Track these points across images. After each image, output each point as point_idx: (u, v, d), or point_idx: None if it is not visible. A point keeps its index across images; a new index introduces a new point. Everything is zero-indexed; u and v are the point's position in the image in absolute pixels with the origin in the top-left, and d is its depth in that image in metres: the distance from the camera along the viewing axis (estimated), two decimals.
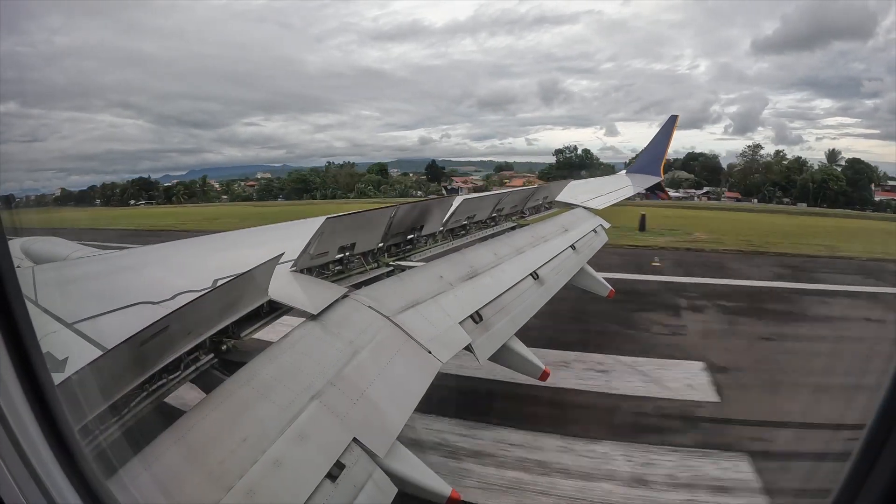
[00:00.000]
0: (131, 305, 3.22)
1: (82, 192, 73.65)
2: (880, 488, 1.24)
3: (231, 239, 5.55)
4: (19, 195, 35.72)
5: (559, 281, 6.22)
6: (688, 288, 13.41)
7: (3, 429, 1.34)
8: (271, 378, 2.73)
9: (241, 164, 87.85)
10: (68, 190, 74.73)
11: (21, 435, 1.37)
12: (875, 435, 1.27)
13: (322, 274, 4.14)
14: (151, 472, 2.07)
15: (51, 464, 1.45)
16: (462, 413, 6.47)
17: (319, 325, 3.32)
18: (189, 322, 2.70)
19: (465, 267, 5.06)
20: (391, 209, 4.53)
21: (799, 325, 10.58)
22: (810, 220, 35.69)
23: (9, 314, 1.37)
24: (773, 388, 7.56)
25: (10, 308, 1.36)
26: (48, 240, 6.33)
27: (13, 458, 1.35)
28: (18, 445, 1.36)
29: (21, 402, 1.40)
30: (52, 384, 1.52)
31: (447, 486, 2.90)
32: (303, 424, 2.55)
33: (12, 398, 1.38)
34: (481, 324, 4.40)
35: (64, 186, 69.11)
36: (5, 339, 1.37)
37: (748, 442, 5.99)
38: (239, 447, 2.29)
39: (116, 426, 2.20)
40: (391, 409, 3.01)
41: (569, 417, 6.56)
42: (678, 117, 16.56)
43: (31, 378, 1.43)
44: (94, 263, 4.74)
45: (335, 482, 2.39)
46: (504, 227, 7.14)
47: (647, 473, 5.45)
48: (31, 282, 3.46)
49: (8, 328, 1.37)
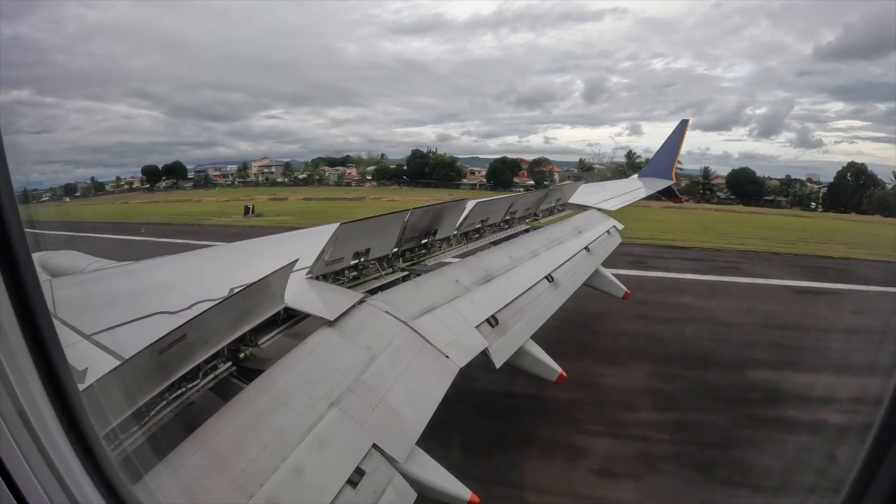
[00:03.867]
0: (149, 316, 3.24)
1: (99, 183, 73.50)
2: (888, 488, 1.25)
3: (246, 247, 5.58)
4: (26, 188, 36.25)
5: (574, 283, 6.16)
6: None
7: (29, 436, 1.33)
8: (290, 385, 2.72)
9: (252, 159, 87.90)
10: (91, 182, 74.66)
11: (47, 441, 1.37)
12: (882, 435, 1.28)
13: (337, 280, 4.13)
14: (175, 479, 2.07)
15: (77, 470, 1.45)
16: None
17: (337, 331, 3.30)
18: (206, 331, 2.71)
19: (480, 270, 5.02)
20: (404, 213, 4.52)
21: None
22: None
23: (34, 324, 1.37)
24: None
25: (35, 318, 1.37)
26: (65, 253, 6.42)
27: (40, 465, 1.34)
28: (45, 452, 1.36)
29: (47, 409, 1.40)
30: (77, 392, 1.52)
31: (467, 490, 2.86)
32: (323, 431, 2.53)
33: (38, 406, 1.38)
34: (497, 327, 4.35)
35: (68, 181, 69.26)
36: (30, 349, 1.37)
37: None
38: (260, 454, 2.28)
39: (139, 433, 2.20)
40: (410, 415, 2.98)
41: None
42: (689, 121, 16.45)
43: (56, 386, 1.43)
44: (111, 275, 4.79)
45: (356, 488, 2.37)
46: (518, 230, 7.10)
47: None
48: (50, 295, 3.49)
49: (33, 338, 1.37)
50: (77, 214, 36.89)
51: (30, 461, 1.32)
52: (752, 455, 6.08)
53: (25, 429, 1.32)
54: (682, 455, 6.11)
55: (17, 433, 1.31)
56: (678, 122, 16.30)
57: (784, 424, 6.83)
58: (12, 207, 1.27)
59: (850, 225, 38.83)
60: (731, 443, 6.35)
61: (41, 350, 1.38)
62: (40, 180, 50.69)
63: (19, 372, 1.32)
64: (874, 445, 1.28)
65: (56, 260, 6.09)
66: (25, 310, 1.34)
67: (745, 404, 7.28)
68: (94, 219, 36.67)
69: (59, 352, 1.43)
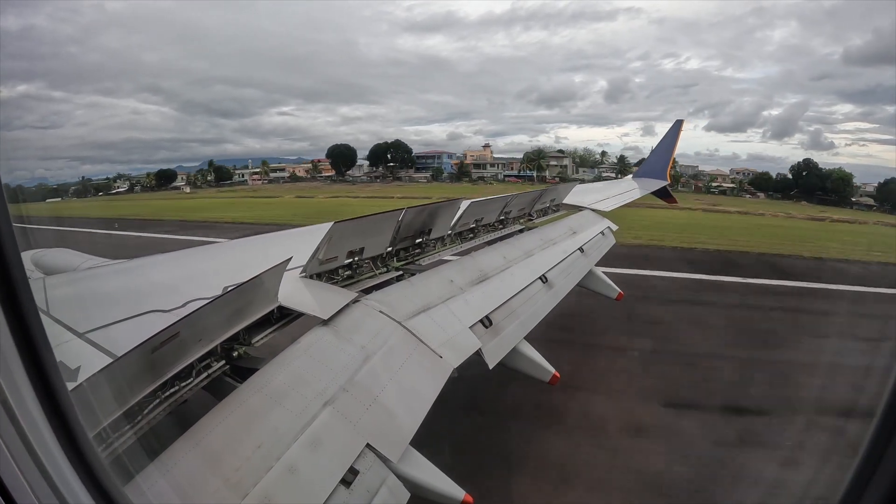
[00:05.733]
0: (142, 314, 3.22)
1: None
2: (885, 489, 1.26)
3: (240, 246, 5.56)
4: (30, 184, 35.90)
5: (568, 284, 6.17)
6: None
7: (18, 436, 1.32)
8: (284, 384, 2.71)
9: (259, 156, 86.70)
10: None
11: (36, 441, 1.36)
12: (879, 435, 1.28)
13: (331, 279, 4.12)
14: (167, 479, 2.06)
15: (66, 470, 1.44)
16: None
17: (331, 330, 3.30)
18: (199, 329, 2.70)
19: (474, 271, 5.03)
20: (399, 212, 4.52)
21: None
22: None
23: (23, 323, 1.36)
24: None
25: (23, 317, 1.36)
26: (58, 251, 6.38)
27: (28, 465, 1.33)
28: (33, 451, 1.35)
29: (35, 408, 1.39)
30: (66, 391, 1.51)
31: (461, 490, 2.87)
32: (316, 431, 2.53)
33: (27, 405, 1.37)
34: (491, 328, 4.35)
35: (74, 176, 68.89)
36: (19, 348, 1.36)
37: None
38: (254, 454, 2.27)
39: (131, 433, 2.19)
40: (404, 415, 2.98)
41: None
42: (683, 122, 16.52)
43: (44, 385, 1.42)
44: (105, 273, 4.75)
45: (349, 488, 2.37)
46: (512, 230, 7.11)
47: None
48: (43, 293, 3.47)
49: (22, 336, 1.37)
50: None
51: (18, 461, 1.31)
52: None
53: (14, 428, 1.31)
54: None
55: (5, 432, 1.30)
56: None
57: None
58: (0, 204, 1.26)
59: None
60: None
61: (30, 348, 1.37)
62: (62, 176, 49.70)
63: (7, 370, 1.31)
64: (871, 445, 1.28)
65: (49, 258, 6.05)
66: (14, 308, 1.33)
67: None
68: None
69: (47, 350, 1.42)
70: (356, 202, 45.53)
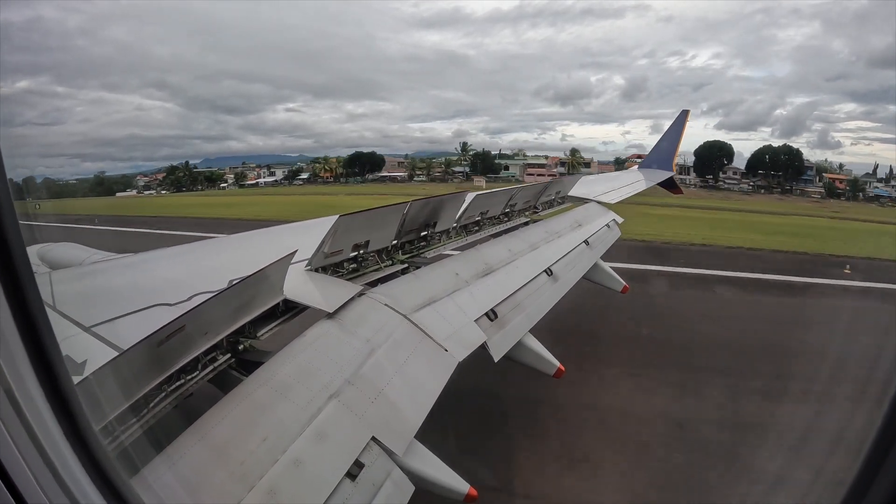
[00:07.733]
0: (148, 308, 3.23)
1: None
2: (889, 488, 1.25)
3: (245, 239, 5.56)
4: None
5: (573, 277, 6.14)
6: None
7: (25, 431, 1.32)
8: (289, 377, 2.72)
9: (262, 154, 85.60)
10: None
11: (43, 436, 1.36)
12: (884, 435, 1.28)
13: (336, 272, 4.11)
14: (173, 472, 2.07)
15: (73, 463, 1.44)
16: None
17: (336, 323, 3.30)
18: (205, 322, 2.70)
19: (479, 264, 5.01)
20: (404, 206, 4.50)
21: None
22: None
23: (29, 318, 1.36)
24: None
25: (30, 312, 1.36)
26: (64, 245, 6.41)
27: (34, 458, 1.34)
28: (40, 445, 1.35)
29: (42, 402, 1.39)
30: (72, 385, 1.51)
31: (465, 483, 2.87)
32: (322, 424, 2.53)
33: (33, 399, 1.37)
34: (496, 321, 4.34)
35: (75, 174, 68.53)
36: (25, 342, 1.36)
37: None
38: (259, 447, 2.28)
39: (137, 426, 2.20)
40: (409, 408, 2.98)
41: None
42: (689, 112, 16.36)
43: (51, 379, 1.42)
44: (111, 267, 4.78)
45: (355, 481, 2.37)
46: (517, 223, 7.08)
47: None
48: (49, 287, 3.49)
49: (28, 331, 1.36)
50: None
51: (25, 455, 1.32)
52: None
53: (20, 422, 1.31)
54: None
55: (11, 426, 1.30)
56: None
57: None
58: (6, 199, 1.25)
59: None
60: None
61: (36, 343, 1.37)
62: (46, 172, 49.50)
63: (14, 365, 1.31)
64: (876, 445, 1.27)
65: (55, 252, 6.08)
66: (20, 302, 1.33)
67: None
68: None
69: (53, 345, 1.42)
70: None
